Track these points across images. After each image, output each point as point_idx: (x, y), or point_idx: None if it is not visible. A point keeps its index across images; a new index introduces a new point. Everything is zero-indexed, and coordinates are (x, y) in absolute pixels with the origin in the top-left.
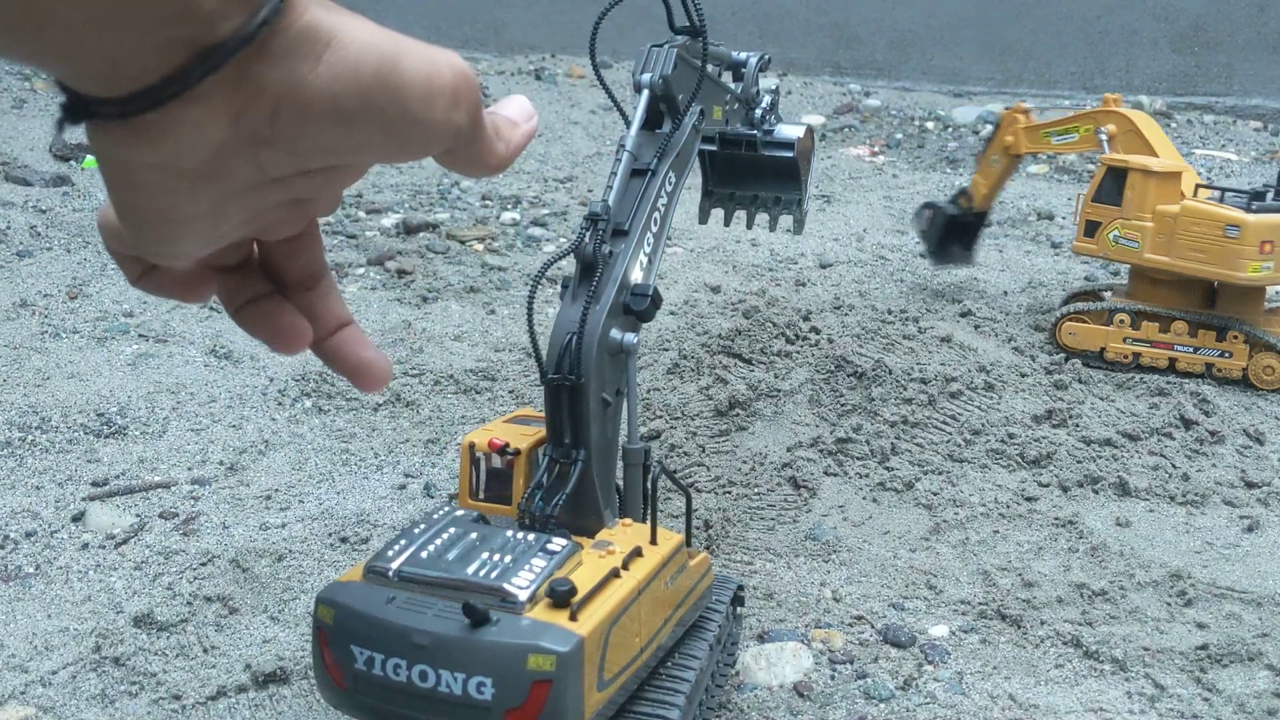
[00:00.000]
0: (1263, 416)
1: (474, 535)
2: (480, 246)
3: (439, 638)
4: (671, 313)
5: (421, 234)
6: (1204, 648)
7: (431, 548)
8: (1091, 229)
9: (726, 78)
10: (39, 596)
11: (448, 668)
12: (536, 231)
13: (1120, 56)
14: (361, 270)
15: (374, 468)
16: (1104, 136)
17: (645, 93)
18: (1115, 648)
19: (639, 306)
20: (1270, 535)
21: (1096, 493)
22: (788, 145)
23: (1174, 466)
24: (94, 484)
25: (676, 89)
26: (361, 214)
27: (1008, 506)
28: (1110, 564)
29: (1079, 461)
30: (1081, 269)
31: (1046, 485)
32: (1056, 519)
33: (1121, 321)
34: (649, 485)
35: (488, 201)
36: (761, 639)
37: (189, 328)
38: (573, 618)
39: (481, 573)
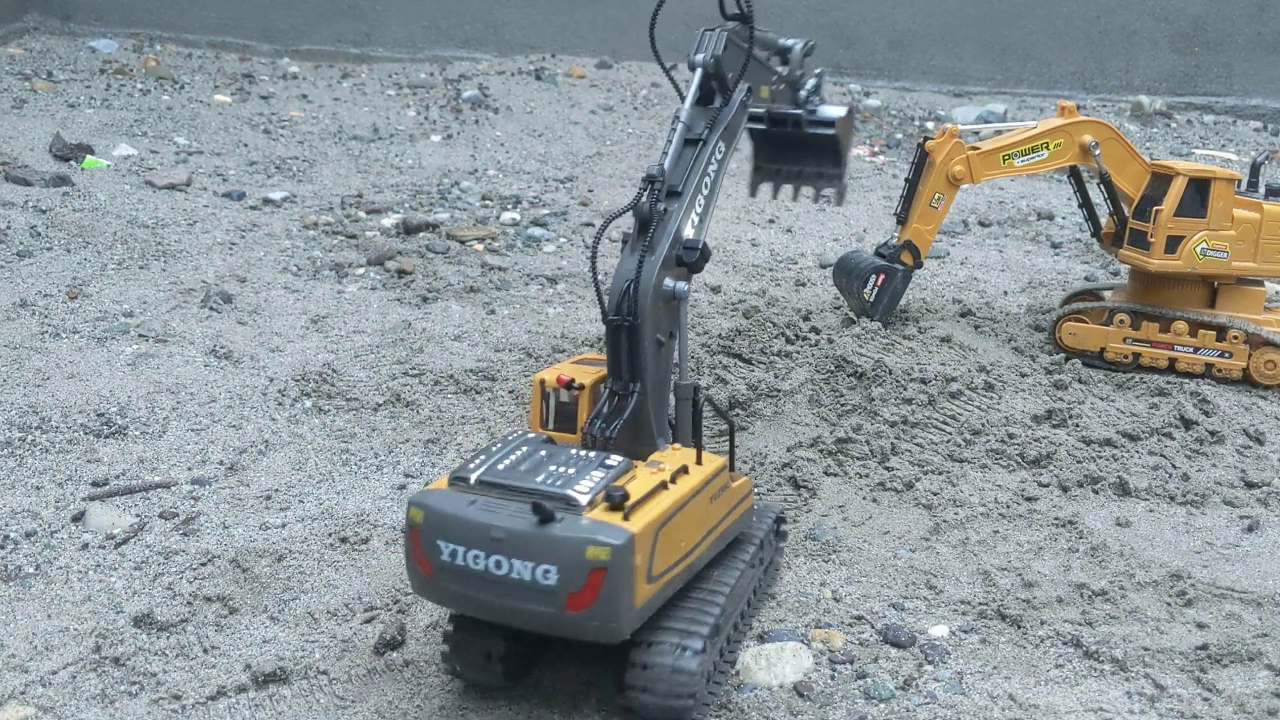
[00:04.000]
0: (1263, 416)
1: (543, 452)
2: (480, 246)
3: (513, 532)
4: None
5: (421, 234)
6: (1204, 648)
7: (507, 461)
8: (1174, 244)
9: (775, 62)
10: (39, 596)
11: (519, 557)
12: (536, 231)
13: (1120, 56)
14: (361, 270)
15: (374, 468)
16: (1097, 150)
17: (699, 71)
18: (1115, 648)
19: (690, 259)
20: (1270, 535)
21: (1096, 493)
22: (829, 123)
23: (1174, 466)
24: (94, 484)
25: (726, 68)
26: (361, 214)
27: (1008, 506)
28: (1110, 564)
29: (1079, 461)
30: (1081, 269)
31: (1046, 485)
32: (1056, 519)
33: (1122, 321)
34: (696, 415)
35: (488, 201)
36: (761, 639)
37: (189, 328)
38: (626, 518)
39: (549, 481)
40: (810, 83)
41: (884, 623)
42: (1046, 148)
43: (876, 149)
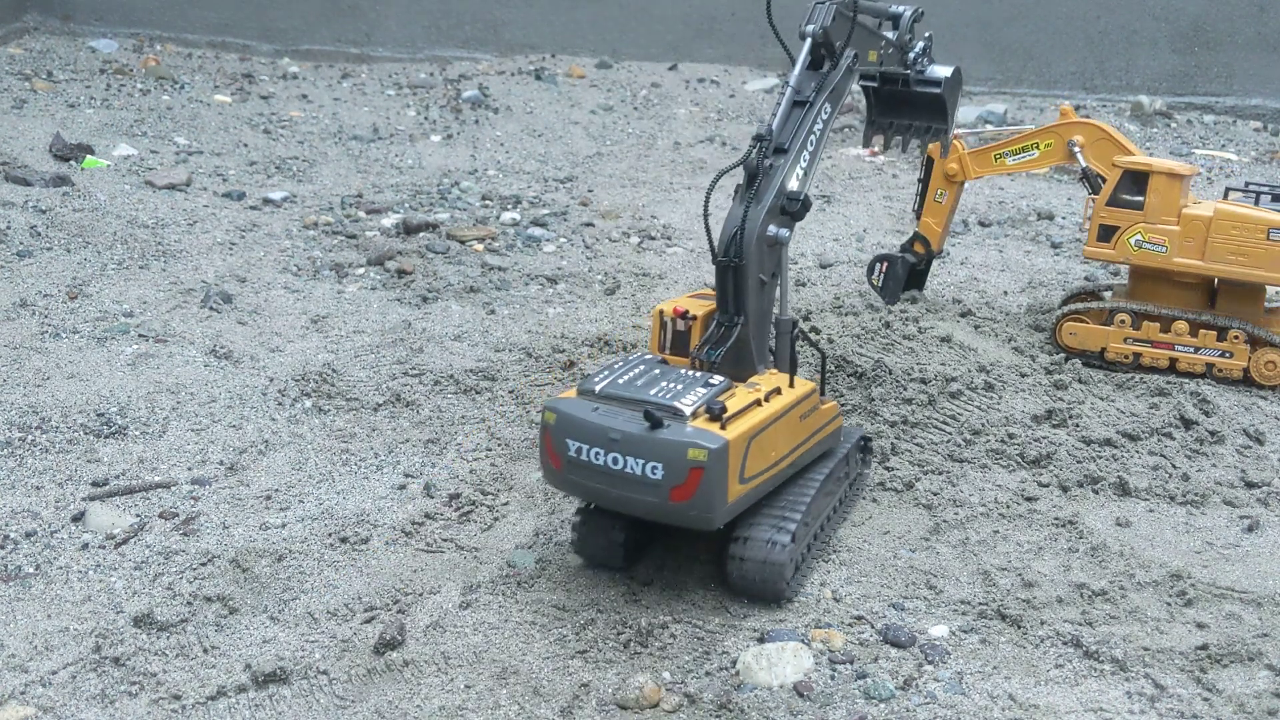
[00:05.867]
0: (1263, 416)
1: (657, 371)
2: (480, 246)
3: (627, 434)
4: None
5: (421, 234)
6: (1204, 648)
7: (626, 377)
8: (1106, 234)
9: (886, 28)
10: (39, 596)
11: (632, 455)
12: (536, 231)
13: (1120, 56)
14: (361, 270)
15: (374, 468)
16: (1077, 148)
17: (808, 41)
18: (1115, 648)
19: (793, 209)
20: (1270, 535)
21: (1096, 493)
22: (936, 83)
23: (1174, 466)
24: (94, 484)
25: (834, 37)
26: (361, 214)
27: (1008, 506)
28: (1110, 564)
29: (1079, 461)
30: (1081, 269)
31: (1046, 485)
32: (1056, 519)
33: (1122, 322)
34: (791, 346)
35: (488, 201)
36: (761, 639)
37: (189, 328)
38: (723, 427)
39: (660, 394)
40: (919, 45)
41: (884, 623)
42: (1037, 148)
43: (876, 149)
